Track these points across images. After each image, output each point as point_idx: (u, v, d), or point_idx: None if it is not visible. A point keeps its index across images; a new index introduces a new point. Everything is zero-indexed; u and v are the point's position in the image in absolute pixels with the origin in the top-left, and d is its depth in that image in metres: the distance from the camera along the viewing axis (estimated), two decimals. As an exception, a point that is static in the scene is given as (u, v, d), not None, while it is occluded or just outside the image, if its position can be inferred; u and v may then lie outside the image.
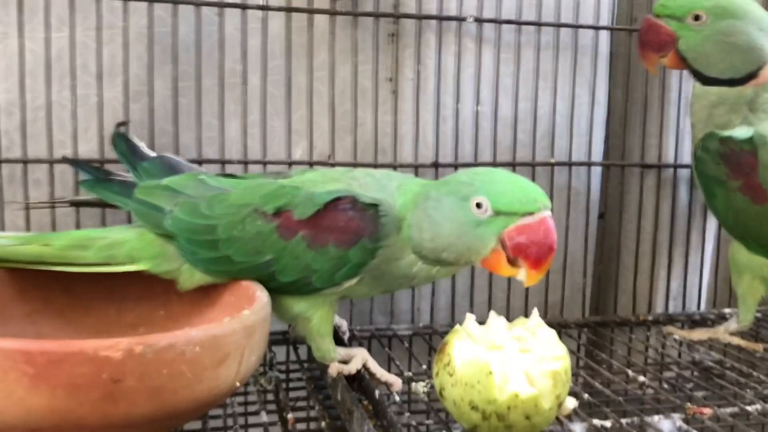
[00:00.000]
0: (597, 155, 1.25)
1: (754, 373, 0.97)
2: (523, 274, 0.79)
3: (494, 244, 0.79)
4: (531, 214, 0.77)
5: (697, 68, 1.01)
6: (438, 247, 0.81)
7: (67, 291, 0.88)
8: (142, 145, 0.96)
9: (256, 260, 0.82)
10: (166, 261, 0.84)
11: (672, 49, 1.01)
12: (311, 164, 1.10)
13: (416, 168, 1.14)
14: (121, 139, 0.95)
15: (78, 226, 1.02)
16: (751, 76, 0.99)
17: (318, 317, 0.85)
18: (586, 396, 0.87)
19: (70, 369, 0.58)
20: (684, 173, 1.26)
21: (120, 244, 0.84)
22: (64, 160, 0.99)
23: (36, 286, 0.86)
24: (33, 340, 0.59)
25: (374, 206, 0.81)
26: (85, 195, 0.97)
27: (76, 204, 0.98)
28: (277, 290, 0.83)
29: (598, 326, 1.19)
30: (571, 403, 0.76)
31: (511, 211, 0.77)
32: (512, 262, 0.79)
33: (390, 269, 0.84)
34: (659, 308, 1.28)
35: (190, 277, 0.85)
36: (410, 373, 0.95)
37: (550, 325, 0.78)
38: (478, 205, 0.78)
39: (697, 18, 0.98)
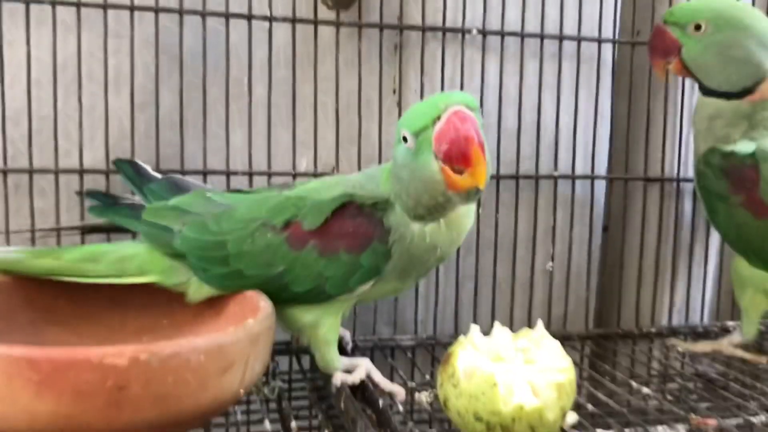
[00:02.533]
0: (600, 168, 1.25)
1: (758, 385, 0.97)
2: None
3: (438, 165, 0.75)
4: (438, 118, 0.74)
5: (699, 77, 1.01)
6: (414, 200, 0.79)
7: (72, 300, 0.88)
8: (148, 168, 0.97)
9: (268, 272, 0.82)
10: (175, 274, 0.85)
11: (677, 56, 1.02)
12: (316, 175, 1.10)
13: (420, 179, 1.14)
14: (126, 163, 0.96)
15: (83, 236, 1.02)
16: (748, 91, 0.99)
17: (327, 326, 0.85)
18: (589, 407, 0.87)
19: (75, 376, 0.58)
20: (687, 186, 1.26)
21: (131, 258, 0.85)
22: (76, 193, 1.01)
23: (41, 295, 0.87)
24: (38, 348, 0.59)
25: (375, 205, 0.81)
26: (90, 218, 0.97)
27: (84, 231, 0.98)
28: (289, 301, 0.84)
29: (602, 338, 1.19)
30: (571, 418, 0.76)
31: (422, 126, 0.75)
32: (460, 172, 0.75)
33: (411, 254, 0.82)
34: (662, 321, 1.27)
35: (199, 289, 0.85)
36: (413, 384, 0.95)
37: (554, 337, 0.78)
38: (404, 139, 0.78)
39: (698, 27, 0.98)
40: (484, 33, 1.15)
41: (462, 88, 1.14)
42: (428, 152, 0.76)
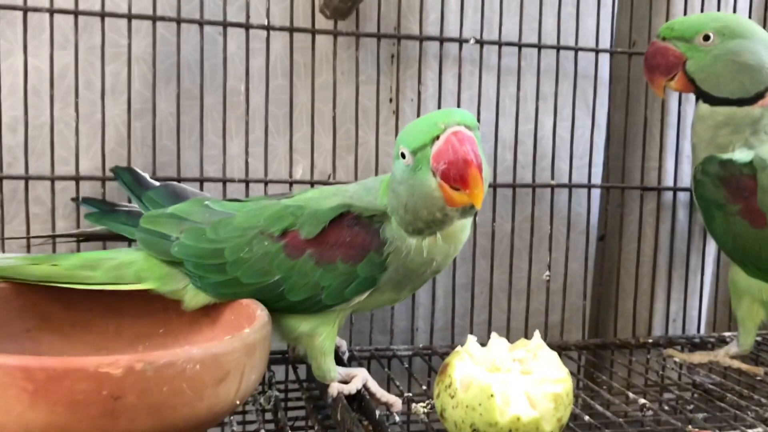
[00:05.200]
0: (597, 177, 1.25)
1: (755, 396, 0.97)
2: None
3: (436, 182, 0.75)
4: (437, 137, 0.74)
5: (706, 89, 1.01)
6: (413, 215, 0.79)
7: (67, 308, 0.88)
8: (146, 176, 0.97)
9: (265, 281, 0.82)
10: (172, 281, 0.85)
11: (680, 72, 1.02)
12: (312, 183, 1.10)
13: (417, 188, 1.14)
14: (124, 171, 0.96)
15: (78, 243, 1.01)
16: (759, 96, 0.99)
17: (323, 335, 0.85)
18: (586, 418, 0.87)
19: (70, 386, 0.58)
20: (684, 196, 1.26)
21: (128, 265, 0.85)
22: (72, 200, 1.01)
23: (36, 303, 0.86)
24: (33, 357, 0.59)
25: (372, 217, 0.81)
26: (86, 224, 0.97)
27: (79, 239, 0.98)
28: (285, 310, 0.84)
29: (598, 348, 1.18)
30: None
31: (421, 145, 0.75)
32: (458, 189, 0.74)
33: (407, 267, 0.82)
34: (659, 331, 1.27)
35: (195, 296, 0.85)
36: (410, 394, 0.95)
37: (550, 346, 0.78)
38: (403, 155, 0.77)
39: (706, 38, 0.99)
40: (481, 43, 1.15)
41: (459, 97, 1.15)
42: (426, 170, 0.76)
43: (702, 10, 1.23)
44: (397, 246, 0.81)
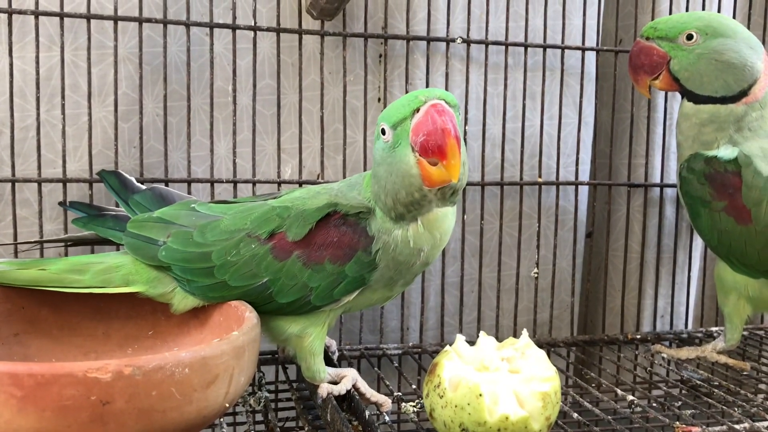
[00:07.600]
0: (584, 175, 1.26)
1: (741, 391, 0.97)
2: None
3: (414, 158, 0.76)
4: (417, 110, 0.75)
5: (690, 88, 1.01)
6: (392, 197, 0.78)
7: (56, 311, 0.87)
8: (132, 179, 0.96)
9: (253, 283, 0.82)
10: (160, 284, 0.85)
11: (664, 71, 1.02)
12: (300, 183, 1.10)
13: (405, 187, 1.14)
14: (110, 175, 0.96)
15: (66, 247, 1.01)
16: (742, 93, 1.00)
17: (313, 336, 0.85)
18: (575, 415, 0.87)
19: (58, 391, 0.58)
20: (671, 192, 1.27)
21: (115, 269, 0.85)
22: (59, 204, 1.01)
23: (24, 307, 0.86)
24: (21, 363, 0.59)
25: (359, 214, 0.81)
26: (74, 227, 0.97)
27: (67, 243, 0.98)
28: (274, 312, 0.84)
29: (587, 345, 1.19)
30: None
31: (400, 118, 0.76)
32: (435, 165, 0.75)
33: (397, 260, 0.82)
34: (647, 327, 1.28)
35: (183, 299, 0.85)
36: (400, 393, 0.95)
37: (539, 344, 0.78)
38: (383, 132, 0.78)
39: (689, 38, 0.99)
40: (468, 42, 1.15)
41: (447, 96, 1.15)
42: (405, 145, 0.76)
43: (687, 9, 1.24)
44: (385, 241, 0.81)
